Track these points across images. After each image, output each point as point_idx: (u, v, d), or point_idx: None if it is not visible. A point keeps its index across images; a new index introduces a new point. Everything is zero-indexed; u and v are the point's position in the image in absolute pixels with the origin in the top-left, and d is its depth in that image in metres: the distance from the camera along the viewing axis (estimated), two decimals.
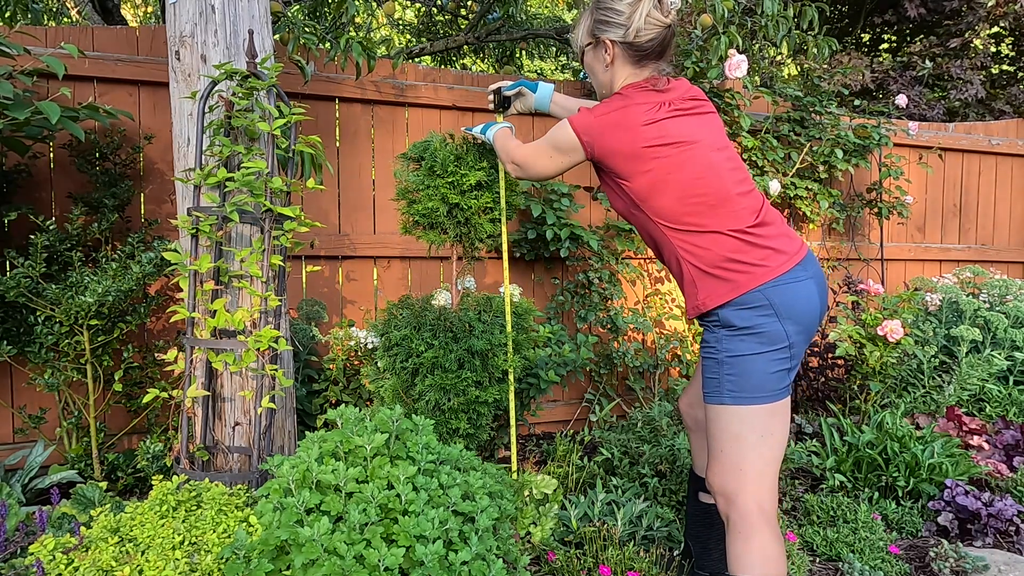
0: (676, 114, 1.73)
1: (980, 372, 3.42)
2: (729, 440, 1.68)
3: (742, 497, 1.66)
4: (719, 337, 1.70)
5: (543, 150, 1.89)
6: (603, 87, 1.91)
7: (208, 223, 2.23)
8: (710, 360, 1.72)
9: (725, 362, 1.68)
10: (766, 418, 1.66)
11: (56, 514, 2.14)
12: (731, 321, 1.68)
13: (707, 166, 1.71)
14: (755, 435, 1.66)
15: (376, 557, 1.41)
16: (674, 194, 1.70)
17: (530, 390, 2.68)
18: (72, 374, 2.63)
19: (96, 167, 2.80)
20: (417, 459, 1.64)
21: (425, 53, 5.20)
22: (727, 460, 1.68)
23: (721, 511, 1.72)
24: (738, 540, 1.65)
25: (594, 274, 3.65)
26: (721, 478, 1.70)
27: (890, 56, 7.58)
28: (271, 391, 2.25)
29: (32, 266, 2.47)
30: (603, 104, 1.81)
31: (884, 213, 4.35)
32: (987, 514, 2.51)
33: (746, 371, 1.66)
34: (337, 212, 3.34)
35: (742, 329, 1.67)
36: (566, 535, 2.34)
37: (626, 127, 1.72)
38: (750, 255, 1.68)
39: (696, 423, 2.05)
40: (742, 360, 1.66)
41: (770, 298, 1.66)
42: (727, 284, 1.68)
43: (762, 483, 1.66)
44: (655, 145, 1.70)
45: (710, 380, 1.71)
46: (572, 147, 1.81)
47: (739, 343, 1.67)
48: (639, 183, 1.73)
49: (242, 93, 2.23)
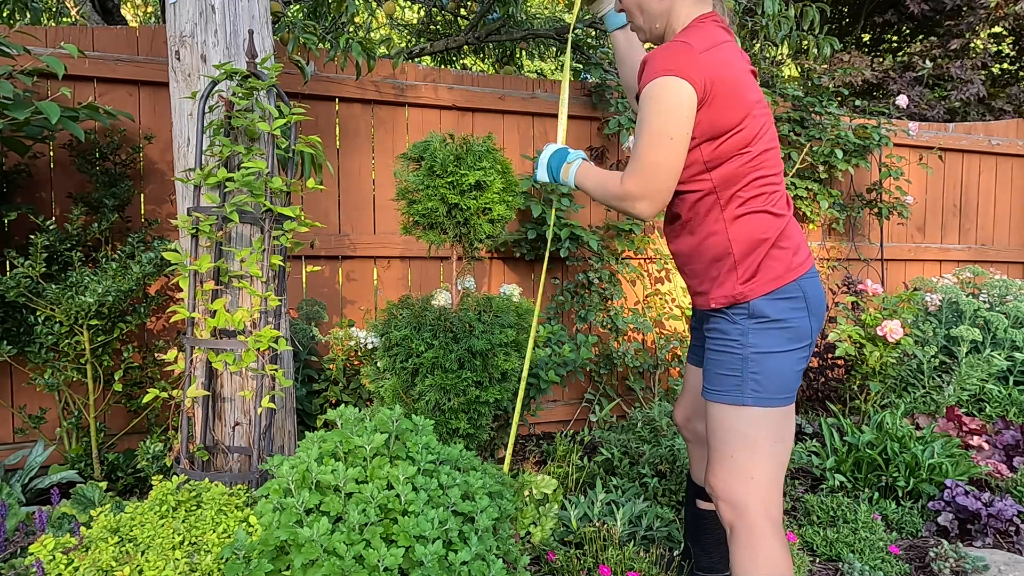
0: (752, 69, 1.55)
1: (980, 372, 3.42)
2: (741, 445, 1.54)
3: (751, 506, 1.55)
4: (745, 330, 1.53)
5: (656, 142, 1.46)
6: (655, 21, 1.59)
7: (208, 223, 2.22)
8: (730, 356, 1.55)
9: (751, 359, 1.52)
10: (781, 421, 1.55)
11: (56, 514, 2.13)
12: (764, 312, 1.52)
13: (775, 138, 1.54)
14: (770, 440, 1.54)
15: (376, 557, 1.41)
16: (751, 162, 1.50)
17: (530, 390, 2.67)
18: (72, 374, 2.63)
19: (96, 167, 2.80)
20: (417, 459, 1.64)
21: (425, 53, 5.20)
22: (737, 467, 1.55)
23: (725, 519, 1.60)
24: (744, 549, 1.56)
25: (594, 274, 3.65)
26: (728, 485, 1.57)
27: (891, 56, 7.57)
28: (271, 391, 2.25)
29: (32, 266, 2.47)
30: (691, 35, 1.48)
31: (884, 213, 4.35)
32: (987, 514, 2.51)
33: (772, 369, 1.53)
34: (337, 212, 3.34)
35: (774, 322, 1.52)
36: (566, 535, 2.34)
37: (732, 67, 1.45)
38: (790, 242, 1.56)
39: (695, 435, 1.94)
40: (768, 357, 1.52)
41: (805, 290, 1.55)
42: (771, 271, 1.54)
43: (772, 491, 1.55)
44: (755, 100, 1.49)
45: (728, 378, 1.55)
46: (690, 105, 1.44)
47: (767, 337, 1.53)
48: (728, 143, 1.48)
49: (242, 93, 2.23)
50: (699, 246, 1.60)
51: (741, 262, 1.54)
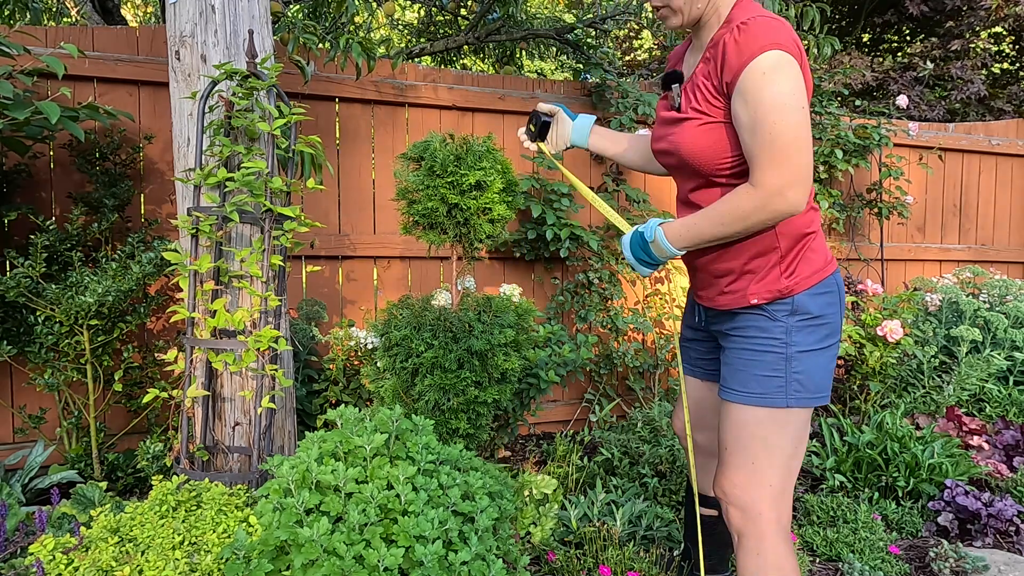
0: None
1: (980, 372, 3.42)
2: (764, 449, 1.48)
3: (765, 514, 1.50)
4: (788, 328, 1.47)
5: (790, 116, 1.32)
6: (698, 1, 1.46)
7: (208, 223, 2.22)
8: (772, 355, 1.48)
9: (794, 358, 1.46)
10: (807, 424, 1.51)
11: (56, 514, 2.14)
12: (807, 308, 1.47)
13: None
14: (793, 444, 1.48)
15: (376, 557, 1.41)
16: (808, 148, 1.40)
17: (530, 390, 2.67)
18: (72, 374, 2.63)
19: (96, 167, 2.80)
20: (417, 459, 1.64)
21: (425, 53, 5.20)
22: (756, 473, 1.49)
23: (734, 525, 1.55)
24: (753, 556, 1.51)
25: (594, 274, 3.64)
26: (743, 491, 1.51)
27: (891, 56, 7.58)
28: (271, 391, 2.25)
29: (32, 266, 2.47)
30: (755, 9, 1.41)
31: (884, 213, 4.35)
32: (987, 514, 2.51)
33: (814, 368, 1.47)
34: (337, 212, 3.34)
35: (816, 318, 1.47)
36: (566, 535, 2.34)
37: (800, 48, 1.37)
38: (822, 236, 1.53)
39: (696, 445, 1.88)
40: (811, 356, 1.47)
41: (839, 284, 1.51)
42: (812, 265, 1.49)
43: (785, 498, 1.51)
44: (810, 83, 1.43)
45: (769, 379, 1.47)
46: (800, 75, 1.34)
47: (808, 335, 1.47)
48: None
49: (242, 93, 2.23)
50: (741, 240, 1.50)
51: (786, 256, 1.48)
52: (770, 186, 1.36)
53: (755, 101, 1.34)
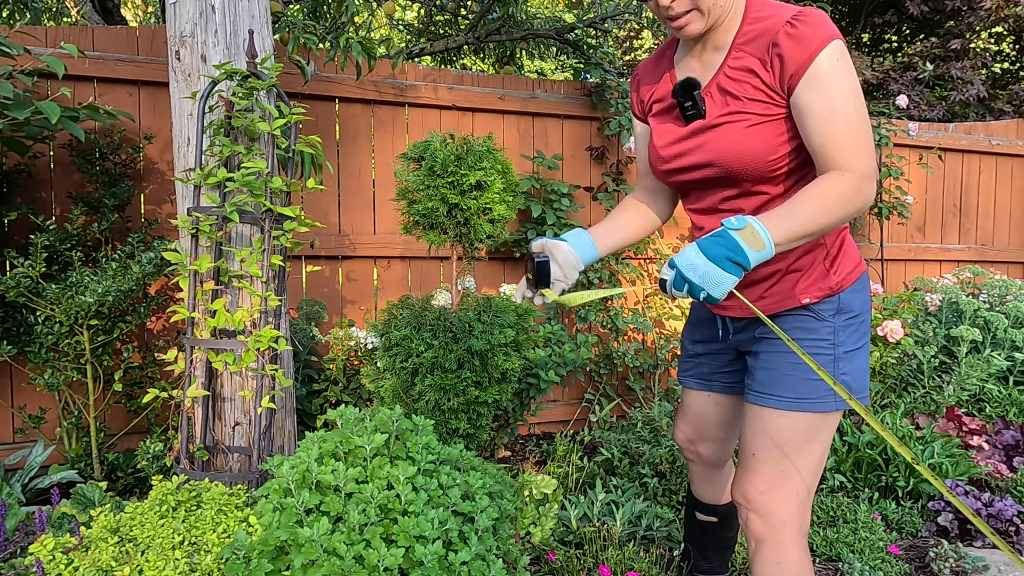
0: None
1: (980, 372, 3.42)
2: (797, 456, 1.42)
3: (790, 523, 1.43)
4: (835, 328, 1.42)
5: (861, 104, 1.29)
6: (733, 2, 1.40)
7: (208, 223, 2.22)
8: (821, 357, 1.41)
9: (841, 359, 1.41)
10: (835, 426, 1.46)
11: (56, 514, 2.14)
12: (852, 306, 1.42)
13: None
14: (822, 450, 1.43)
15: (376, 557, 1.41)
16: None
17: (530, 390, 2.67)
18: (72, 374, 2.63)
19: (96, 167, 2.80)
20: (417, 459, 1.64)
21: (425, 53, 5.19)
22: (785, 479, 1.43)
23: (753, 532, 1.48)
24: (772, 565, 1.45)
25: (594, 274, 3.64)
26: (769, 499, 1.44)
27: (891, 56, 7.58)
28: (271, 391, 2.25)
29: (32, 266, 2.47)
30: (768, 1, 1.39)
31: (884, 213, 4.35)
32: (987, 514, 2.51)
33: (858, 368, 1.43)
34: (337, 212, 3.34)
35: (856, 316, 1.43)
36: (566, 535, 2.34)
37: None
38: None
39: (699, 457, 1.83)
40: (855, 355, 1.42)
41: (869, 281, 1.48)
42: (851, 260, 1.45)
43: (808, 505, 1.45)
44: None
45: (819, 383, 1.39)
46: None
47: (851, 334, 1.43)
48: None
49: (242, 93, 2.23)
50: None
51: (831, 251, 1.43)
52: (863, 169, 1.27)
53: (831, 88, 1.29)
